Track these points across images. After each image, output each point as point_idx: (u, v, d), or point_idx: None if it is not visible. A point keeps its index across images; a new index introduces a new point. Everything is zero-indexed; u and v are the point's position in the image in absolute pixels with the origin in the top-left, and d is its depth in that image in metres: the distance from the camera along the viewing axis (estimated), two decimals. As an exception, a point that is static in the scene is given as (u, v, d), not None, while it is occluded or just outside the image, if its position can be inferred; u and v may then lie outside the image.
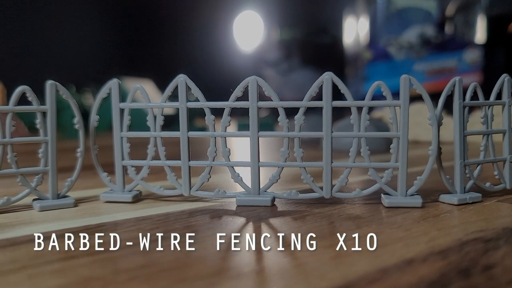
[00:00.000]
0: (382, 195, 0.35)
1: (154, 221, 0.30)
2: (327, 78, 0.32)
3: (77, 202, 0.36)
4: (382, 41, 1.26)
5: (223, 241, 0.26)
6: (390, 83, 0.33)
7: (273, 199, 0.35)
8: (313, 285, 0.19)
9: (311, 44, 1.82)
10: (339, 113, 0.34)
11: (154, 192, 0.37)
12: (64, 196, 0.36)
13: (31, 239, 0.26)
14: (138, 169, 0.37)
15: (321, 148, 0.34)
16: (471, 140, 0.36)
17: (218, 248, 0.25)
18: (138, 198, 0.37)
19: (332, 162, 0.33)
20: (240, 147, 0.79)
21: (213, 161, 0.35)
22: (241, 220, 0.30)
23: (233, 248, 0.25)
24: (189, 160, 0.35)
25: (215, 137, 0.35)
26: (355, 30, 1.46)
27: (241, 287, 0.19)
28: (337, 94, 0.33)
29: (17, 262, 0.23)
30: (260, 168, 0.35)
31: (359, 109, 0.33)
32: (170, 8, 2.23)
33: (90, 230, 0.28)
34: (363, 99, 0.33)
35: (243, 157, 0.35)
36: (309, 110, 0.34)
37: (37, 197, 0.35)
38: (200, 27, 2.21)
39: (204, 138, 0.36)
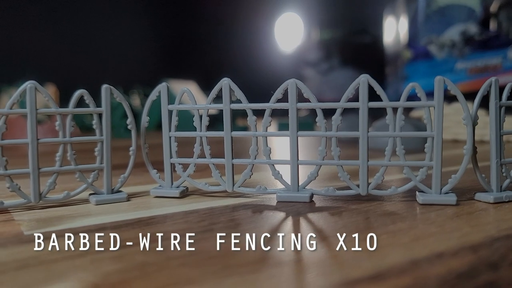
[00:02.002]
0: (417, 192, 0.36)
1: (200, 215, 0.33)
2: (363, 80, 0.34)
3: (130, 197, 0.39)
4: (423, 40, 1.25)
5: (264, 233, 0.28)
6: (431, 82, 0.34)
7: (311, 196, 0.36)
8: (347, 273, 0.21)
9: (351, 44, 1.82)
10: (378, 113, 0.36)
11: (199, 188, 0.39)
12: (118, 191, 0.38)
13: (90, 229, 0.29)
14: (185, 166, 0.39)
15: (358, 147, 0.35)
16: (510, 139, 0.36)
17: (259, 239, 0.27)
18: (185, 194, 0.40)
19: (368, 161, 0.35)
20: (280, 145, 0.81)
21: (255, 159, 0.37)
22: (280, 215, 0.32)
23: (273, 239, 0.27)
24: (233, 158, 0.38)
25: (257, 137, 0.37)
26: (395, 29, 1.44)
27: (280, 273, 0.21)
28: (374, 95, 0.35)
29: (81, 248, 0.25)
30: (299, 166, 0.36)
31: (395, 109, 0.34)
32: (213, 12, 2.27)
33: (142, 222, 0.31)
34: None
35: (283, 156, 0.37)
36: (348, 110, 0.36)
37: (93, 192, 0.38)
38: (242, 30, 2.24)
39: (246, 137, 0.38)
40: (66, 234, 0.28)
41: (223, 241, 0.26)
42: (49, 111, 0.35)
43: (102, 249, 0.25)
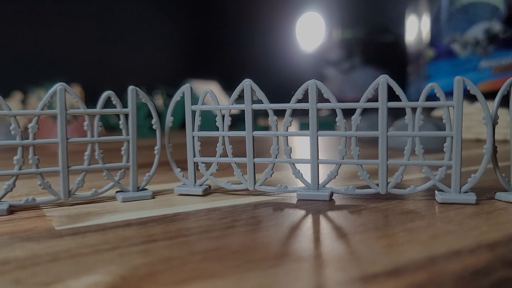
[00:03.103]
0: (436, 191, 0.36)
1: (222, 212, 0.34)
2: (383, 80, 0.34)
3: (154, 195, 0.40)
4: (446, 38, 1.24)
5: (284, 229, 0.29)
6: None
7: (331, 194, 0.37)
8: (365, 269, 0.22)
9: (372, 43, 1.81)
10: (399, 112, 0.36)
11: (222, 186, 0.40)
12: (143, 189, 0.40)
13: (117, 225, 0.30)
14: (207, 165, 0.40)
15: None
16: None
17: (280, 236, 0.27)
18: (207, 192, 0.41)
19: (387, 160, 0.35)
20: (301, 145, 0.81)
21: (276, 158, 0.38)
22: (301, 213, 0.33)
23: (293, 236, 0.27)
24: (254, 157, 0.38)
25: (278, 136, 0.38)
26: (417, 27, 1.43)
27: (300, 268, 0.22)
28: (394, 94, 0.35)
29: (109, 243, 0.27)
30: (319, 165, 0.37)
31: (414, 109, 0.35)
32: (235, 12, 2.28)
33: (167, 218, 0.32)
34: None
35: (304, 155, 0.37)
36: (369, 110, 0.36)
37: (119, 189, 0.39)
38: (263, 30, 2.25)
39: (267, 137, 0.39)
40: (95, 230, 0.29)
41: (244, 237, 0.27)
42: (78, 111, 0.36)
43: (129, 244, 0.26)
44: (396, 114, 0.36)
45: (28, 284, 0.21)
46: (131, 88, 0.38)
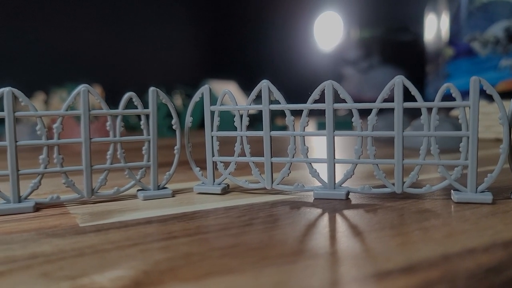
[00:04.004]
0: (452, 191, 0.36)
1: (240, 210, 0.34)
2: (398, 81, 0.35)
3: (174, 193, 0.41)
4: (465, 37, 1.22)
5: (300, 227, 0.29)
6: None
7: (348, 193, 0.37)
8: (379, 265, 0.22)
9: (391, 42, 1.80)
10: (418, 112, 0.36)
11: (240, 185, 0.41)
12: (164, 188, 0.41)
13: (139, 222, 0.31)
14: (226, 164, 0.41)
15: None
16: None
17: (296, 233, 0.28)
18: (226, 191, 0.42)
19: (403, 160, 0.35)
20: (319, 144, 0.82)
21: (293, 157, 0.39)
22: (317, 211, 0.34)
23: (309, 234, 0.28)
24: (271, 157, 0.39)
25: (295, 136, 0.39)
26: (436, 26, 1.42)
27: (316, 265, 0.23)
28: (411, 94, 0.35)
29: (131, 239, 0.27)
30: (336, 164, 0.38)
31: (430, 109, 0.35)
32: (253, 13, 2.29)
33: (187, 216, 0.33)
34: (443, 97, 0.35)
35: (321, 154, 0.38)
36: (387, 110, 0.36)
37: (141, 188, 0.40)
38: (282, 30, 2.25)
39: (284, 137, 0.40)
40: (117, 227, 0.30)
41: (261, 234, 0.28)
42: (101, 112, 0.38)
43: (150, 240, 0.27)
44: (414, 114, 0.36)
45: (55, 278, 0.21)
46: (151, 89, 0.39)
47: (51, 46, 1.85)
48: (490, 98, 0.35)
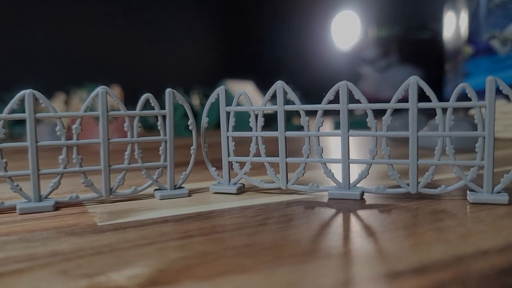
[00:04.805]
0: (468, 191, 0.36)
1: (255, 210, 0.35)
2: (413, 81, 0.35)
3: (190, 193, 0.42)
4: (485, 35, 1.21)
5: (315, 227, 0.30)
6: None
7: (362, 193, 0.38)
8: (391, 266, 0.23)
9: (409, 40, 1.78)
10: (434, 112, 0.36)
11: (255, 185, 0.42)
12: (180, 187, 0.41)
13: (155, 222, 0.32)
14: (241, 164, 0.42)
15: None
16: None
17: (310, 233, 0.28)
18: (241, 190, 0.42)
19: (418, 160, 0.35)
20: (335, 144, 0.82)
21: (308, 158, 0.39)
22: (331, 211, 0.34)
23: (323, 234, 0.28)
24: (286, 157, 0.39)
25: (309, 136, 0.39)
26: (455, 24, 1.41)
27: (328, 265, 0.23)
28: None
29: (147, 238, 0.28)
30: (350, 164, 0.38)
31: (445, 109, 0.35)
32: (270, 12, 2.29)
33: (202, 215, 0.33)
34: (462, 96, 0.35)
35: (338, 154, 0.38)
36: (403, 109, 0.36)
37: (157, 187, 0.41)
38: (299, 29, 2.25)
39: (299, 137, 0.40)
40: (134, 226, 0.31)
41: (276, 234, 0.28)
42: (118, 113, 0.38)
43: (166, 239, 0.28)
44: (431, 114, 0.36)
45: (74, 275, 0.22)
46: (168, 90, 0.39)
47: (71, 47, 1.88)
48: (508, 97, 0.35)
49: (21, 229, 0.31)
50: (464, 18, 1.30)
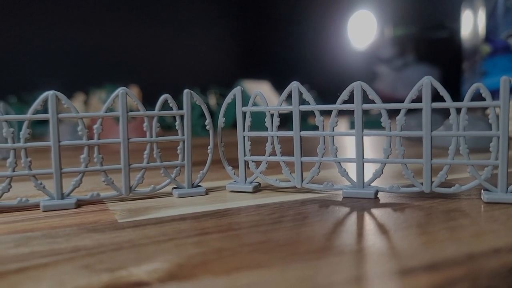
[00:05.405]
0: (482, 191, 0.36)
1: (271, 208, 0.35)
2: (427, 82, 0.35)
3: (208, 191, 0.42)
4: (503, 33, 1.19)
5: (329, 225, 0.30)
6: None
7: (377, 192, 0.38)
8: (403, 263, 0.23)
9: (426, 39, 1.77)
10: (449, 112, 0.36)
11: (271, 184, 0.42)
12: (197, 186, 0.42)
13: (174, 219, 0.33)
14: (257, 163, 0.42)
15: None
16: None
17: (324, 231, 0.29)
18: (257, 189, 0.43)
19: (431, 159, 0.36)
20: (350, 143, 0.82)
21: (322, 157, 0.40)
22: (346, 210, 0.34)
23: (337, 231, 0.29)
24: (301, 156, 0.40)
25: (324, 136, 0.39)
26: (472, 22, 1.39)
27: (342, 261, 0.24)
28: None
29: (166, 235, 0.29)
30: (365, 163, 0.38)
31: (459, 109, 0.35)
32: (286, 12, 2.29)
33: (219, 213, 0.34)
34: (478, 96, 0.35)
35: (353, 153, 0.38)
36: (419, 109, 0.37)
37: (175, 186, 0.42)
38: (315, 29, 2.25)
39: (314, 136, 0.41)
40: (153, 223, 0.32)
41: (290, 231, 0.29)
42: (138, 113, 0.39)
43: (184, 235, 0.29)
44: (447, 113, 0.36)
45: (96, 269, 0.23)
46: (186, 91, 0.40)
47: (90, 49, 1.91)
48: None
49: (44, 226, 0.32)
50: (481, 16, 1.29)
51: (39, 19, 1.84)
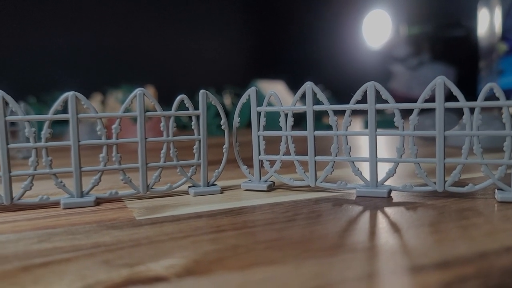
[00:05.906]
0: (496, 190, 0.36)
1: (285, 206, 0.36)
2: (440, 82, 0.35)
3: (223, 190, 0.43)
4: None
5: (342, 223, 0.31)
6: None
7: (390, 191, 0.38)
8: (415, 260, 0.23)
9: (441, 38, 1.75)
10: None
11: (285, 183, 0.43)
12: (213, 184, 0.43)
13: (190, 217, 0.34)
14: (272, 163, 0.43)
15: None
16: None
17: (337, 229, 0.29)
18: (271, 188, 0.43)
19: (444, 159, 0.36)
20: (364, 142, 0.82)
21: (336, 156, 0.40)
22: (359, 208, 0.35)
23: (350, 229, 0.29)
24: (315, 156, 0.40)
25: (338, 136, 0.40)
26: (489, 21, 1.38)
27: (354, 258, 0.24)
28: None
29: (183, 232, 0.30)
30: (378, 163, 0.39)
31: (472, 108, 0.35)
32: (301, 12, 2.29)
33: (234, 211, 0.35)
34: (494, 95, 0.35)
35: (366, 152, 0.39)
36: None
37: (191, 184, 0.43)
38: (330, 29, 2.24)
39: (328, 136, 0.41)
40: (170, 220, 0.33)
41: (304, 229, 0.29)
42: (155, 113, 0.40)
43: (200, 233, 0.30)
44: (463, 112, 0.36)
45: (115, 265, 0.24)
46: (202, 92, 0.41)
47: (107, 50, 1.93)
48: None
49: (65, 223, 0.33)
50: (498, 15, 1.28)
51: (58, 20, 1.87)
